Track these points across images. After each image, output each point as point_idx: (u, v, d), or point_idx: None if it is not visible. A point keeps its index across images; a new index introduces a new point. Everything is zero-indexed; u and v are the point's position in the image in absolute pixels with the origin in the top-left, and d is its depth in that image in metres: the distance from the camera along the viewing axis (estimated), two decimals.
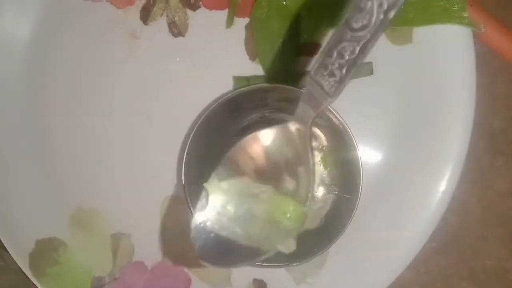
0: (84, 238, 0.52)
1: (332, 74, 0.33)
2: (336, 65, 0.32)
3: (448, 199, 0.49)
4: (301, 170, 0.38)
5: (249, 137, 0.39)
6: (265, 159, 0.39)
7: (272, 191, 0.39)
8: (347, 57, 0.32)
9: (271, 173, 0.39)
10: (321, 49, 0.33)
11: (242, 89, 0.47)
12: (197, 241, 0.38)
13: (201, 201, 0.39)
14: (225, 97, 0.46)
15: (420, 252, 0.50)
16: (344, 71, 0.33)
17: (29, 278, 0.51)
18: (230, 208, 0.39)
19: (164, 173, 0.52)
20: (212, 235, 0.38)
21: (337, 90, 0.33)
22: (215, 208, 0.38)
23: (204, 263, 0.37)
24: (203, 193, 0.39)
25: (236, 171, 0.39)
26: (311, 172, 0.37)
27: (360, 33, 0.31)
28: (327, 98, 0.34)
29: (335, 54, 0.32)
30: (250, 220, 0.39)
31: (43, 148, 0.52)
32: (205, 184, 0.39)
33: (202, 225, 0.38)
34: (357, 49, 0.32)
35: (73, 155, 0.52)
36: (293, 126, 0.37)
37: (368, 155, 0.50)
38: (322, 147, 0.49)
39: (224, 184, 0.38)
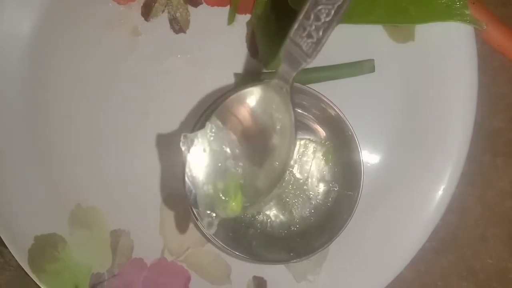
0: (83, 234, 0.52)
1: (310, 36, 0.35)
2: (313, 27, 0.35)
3: (448, 199, 0.49)
4: (283, 128, 0.39)
5: (233, 96, 0.40)
6: (250, 117, 0.40)
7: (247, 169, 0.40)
8: (323, 20, 0.35)
9: (255, 132, 0.40)
10: (299, 13, 0.35)
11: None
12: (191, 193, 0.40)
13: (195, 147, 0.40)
14: (227, 93, 0.46)
15: (420, 251, 0.50)
16: (321, 32, 0.35)
17: (27, 276, 0.51)
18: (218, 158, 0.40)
19: (164, 170, 0.51)
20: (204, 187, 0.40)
21: (314, 50, 0.36)
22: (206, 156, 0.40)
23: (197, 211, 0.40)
24: (196, 140, 0.40)
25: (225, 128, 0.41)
26: (292, 131, 0.39)
27: None
28: (305, 58, 0.36)
29: (312, 16, 0.35)
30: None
31: (43, 144, 0.52)
32: (198, 132, 0.40)
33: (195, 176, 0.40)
34: (332, 11, 0.35)
35: (73, 151, 0.52)
36: (276, 85, 0.39)
37: (369, 152, 0.50)
38: (324, 143, 0.49)
39: (216, 136, 0.40)
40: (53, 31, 0.52)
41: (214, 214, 0.39)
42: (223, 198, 0.39)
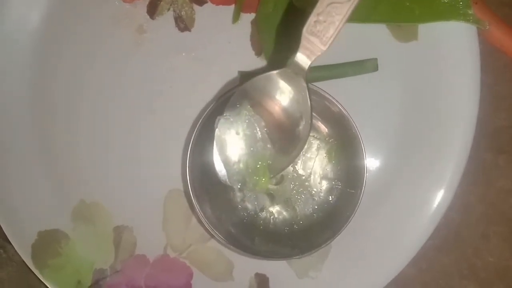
0: (86, 230, 0.52)
1: (324, 29, 0.39)
2: (327, 22, 0.39)
3: (450, 197, 0.49)
4: (300, 114, 0.43)
5: (254, 82, 0.43)
6: (272, 103, 0.44)
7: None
8: (335, 15, 0.39)
9: (276, 116, 0.44)
10: (315, 7, 0.40)
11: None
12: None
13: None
14: (230, 92, 0.46)
15: (422, 249, 0.50)
16: (334, 27, 0.39)
17: (30, 271, 0.52)
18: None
19: (167, 167, 0.52)
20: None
21: (328, 41, 0.40)
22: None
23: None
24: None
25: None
26: (309, 116, 0.43)
27: None
28: (321, 48, 0.40)
29: (326, 12, 0.39)
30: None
31: (47, 140, 0.53)
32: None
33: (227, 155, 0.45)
34: (345, 8, 0.39)
35: (77, 147, 0.52)
36: (292, 73, 0.42)
37: (372, 150, 0.51)
38: (328, 140, 0.49)
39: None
40: (59, 28, 0.52)
41: (243, 188, 0.46)
42: (254, 176, 0.44)
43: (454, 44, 0.49)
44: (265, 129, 0.44)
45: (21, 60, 0.52)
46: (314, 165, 0.49)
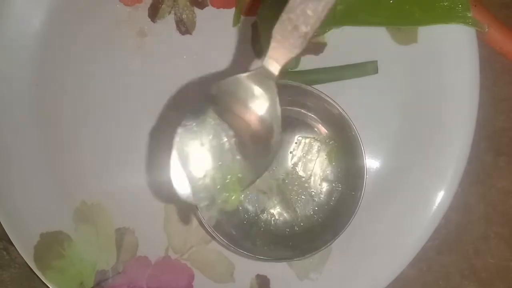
0: (88, 232, 0.52)
1: (297, 29, 0.34)
2: (301, 20, 0.34)
3: (450, 198, 0.50)
4: (269, 120, 0.38)
5: (221, 85, 0.38)
6: (239, 108, 0.39)
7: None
8: (310, 13, 0.34)
9: (245, 123, 0.39)
10: (286, 5, 0.34)
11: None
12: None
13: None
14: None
15: (422, 250, 0.50)
16: (309, 26, 0.34)
17: (33, 273, 0.52)
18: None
19: (169, 169, 0.52)
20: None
21: (302, 43, 0.35)
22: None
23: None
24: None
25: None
26: (279, 123, 0.37)
27: None
28: (293, 50, 0.35)
29: (299, 10, 0.34)
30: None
31: (49, 142, 0.53)
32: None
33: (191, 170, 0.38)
34: (321, 5, 0.33)
35: (79, 149, 0.53)
36: (261, 76, 0.37)
37: (372, 152, 0.51)
38: (328, 142, 0.49)
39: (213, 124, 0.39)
40: (61, 32, 0.52)
41: (212, 207, 0.40)
42: (223, 193, 0.39)
43: (453, 46, 0.49)
44: (234, 138, 0.39)
45: (23, 63, 0.52)
46: (315, 167, 0.49)
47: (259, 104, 0.38)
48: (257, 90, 0.38)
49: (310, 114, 0.50)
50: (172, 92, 0.52)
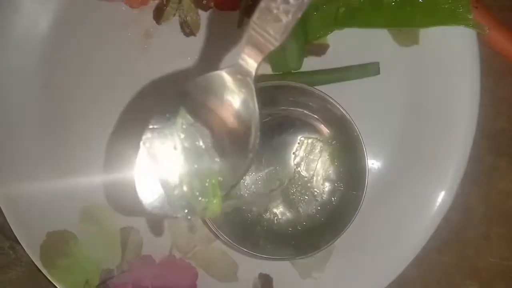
0: (94, 231, 0.53)
1: (277, 19, 0.32)
2: (281, 9, 0.31)
3: (451, 198, 0.50)
4: (247, 117, 0.35)
5: (195, 84, 0.36)
6: (214, 106, 0.36)
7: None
8: (292, 1, 0.31)
9: (221, 122, 0.36)
10: None
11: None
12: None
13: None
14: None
15: (423, 250, 0.50)
16: (290, 15, 0.31)
17: (39, 272, 0.52)
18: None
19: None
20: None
21: (283, 34, 0.32)
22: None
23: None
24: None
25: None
26: (256, 120, 0.35)
27: None
28: (273, 42, 0.32)
29: None
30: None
31: (55, 142, 0.53)
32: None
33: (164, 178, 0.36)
34: None
35: (85, 149, 0.53)
36: (238, 72, 0.35)
37: (373, 153, 0.51)
38: (331, 142, 0.50)
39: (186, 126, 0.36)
40: (67, 34, 0.53)
41: (191, 217, 0.36)
42: (203, 199, 0.35)
43: (454, 48, 0.50)
44: (210, 138, 0.36)
45: (30, 65, 0.53)
46: (317, 166, 0.49)
47: (239, 101, 0.35)
48: (238, 86, 0.35)
49: (312, 114, 0.50)
50: (176, 93, 0.53)
